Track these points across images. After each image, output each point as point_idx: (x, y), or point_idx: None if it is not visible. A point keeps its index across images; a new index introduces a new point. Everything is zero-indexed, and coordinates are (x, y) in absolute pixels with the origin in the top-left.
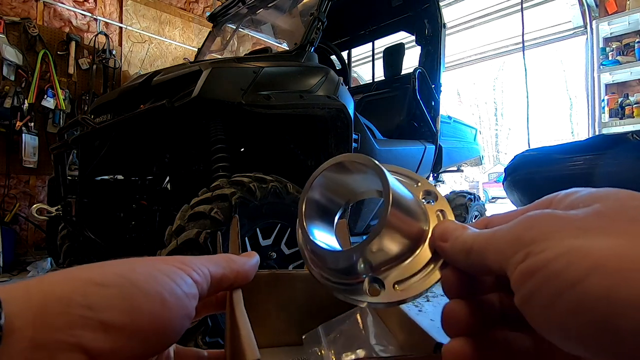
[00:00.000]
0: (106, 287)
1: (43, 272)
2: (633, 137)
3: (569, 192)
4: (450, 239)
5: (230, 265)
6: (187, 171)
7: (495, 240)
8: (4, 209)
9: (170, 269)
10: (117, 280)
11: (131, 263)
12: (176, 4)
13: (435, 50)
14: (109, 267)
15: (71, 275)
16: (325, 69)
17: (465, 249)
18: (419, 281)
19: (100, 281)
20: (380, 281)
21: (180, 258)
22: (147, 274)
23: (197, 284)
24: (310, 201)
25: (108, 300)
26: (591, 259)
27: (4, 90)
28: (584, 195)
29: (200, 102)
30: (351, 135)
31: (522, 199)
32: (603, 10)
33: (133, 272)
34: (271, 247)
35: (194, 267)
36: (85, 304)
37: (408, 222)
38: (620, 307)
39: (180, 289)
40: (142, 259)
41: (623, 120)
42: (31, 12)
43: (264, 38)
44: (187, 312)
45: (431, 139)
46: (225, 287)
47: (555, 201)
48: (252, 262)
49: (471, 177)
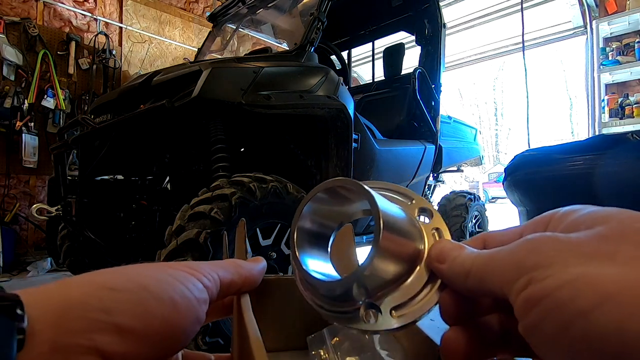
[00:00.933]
0: (120, 291)
1: (43, 272)
2: (633, 137)
3: (568, 211)
4: (447, 260)
5: (238, 271)
6: (187, 171)
7: (495, 263)
8: (4, 209)
9: (182, 274)
10: (129, 285)
11: (143, 268)
12: (176, 4)
13: (435, 50)
14: (122, 272)
15: (86, 280)
16: (325, 69)
17: (463, 271)
18: (417, 305)
19: (113, 285)
20: (377, 307)
21: (190, 264)
22: (159, 279)
23: (207, 289)
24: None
25: (122, 305)
26: (599, 288)
27: (4, 90)
28: (585, 215)
29: (200, 102)
30: (351, 135)
31: (522, 199)
32: (603, 10)
33: (145, 276)
34: (271, 247)
35: (204, 273)
36: (101, 308)
37: (402, 243)
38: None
39: (192, 294)
40: (154, 264)
41: (623, 120)
42: (31, 12)
43: (264, 38)
44: (197, 317)
45: (431, 139)
46: (233, 292)
47: (554, 220)
48: (259, 267)
49: (471, 177)
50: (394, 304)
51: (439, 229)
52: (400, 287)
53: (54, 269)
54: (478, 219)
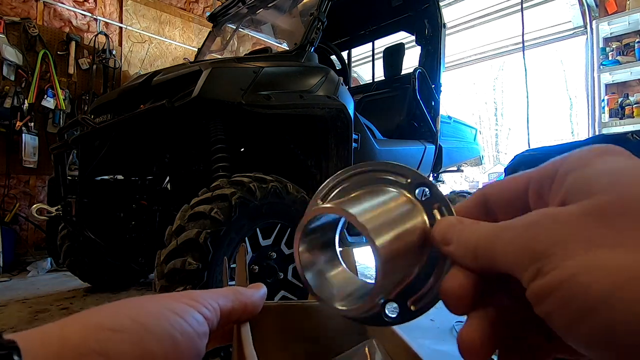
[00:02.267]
0: (119, 332)
1: (43, 272)
2: (633, 137)
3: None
4: (452, 240)
5: (239, 298)
6: (187, 171)
7: (502, 244)
8: (4, 209)
9: (181, 307)
10: (128, 324)
11: (142, 303)
12: (176, 4)
13: (435, 50)
14: (122, 310)
15: (85, 320)
16: (325, 69)
17: (470, 252)
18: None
19: (112, 326)
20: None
21: (190, 294)
22: (158, 315)
23: (208, 320)
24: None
25: (121, 346)
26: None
27: (4, 90)
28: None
29: (200, 102)
30: (351, 135)
31: None
32: (603, 10)
33: (144, 314)
34: (271, 247)
35: (204, 303)
36: (99, 351)
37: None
38: None
39: (192, 328)
40: (153, 298)
41: (623, 120)
42: (31, 12)
43: (264, 38)
44: (198, 352)
45: (431, 139)
46: (233, 320)
47: (558, 177)
48: (259, 293)
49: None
50: (412, 297)
51: (441, 205)
52: (415, 277)
53: (54, 269)
54: None
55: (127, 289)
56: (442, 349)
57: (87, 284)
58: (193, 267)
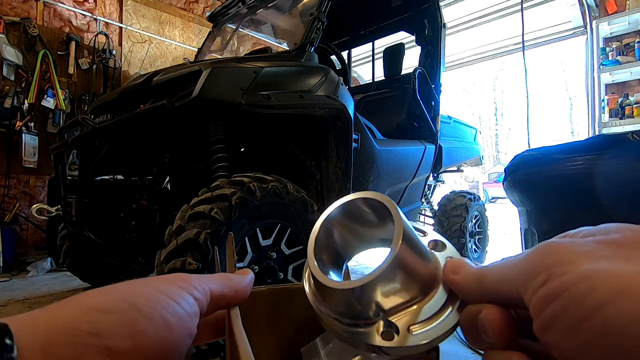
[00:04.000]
0: (110, 313)
1: (43, 272)
2: (633, 137)
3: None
4: (462, 271)
5: (228, 283)
6: (187, 171)
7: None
8: (4, 209)
9: (172, 288)
10: (120, 306)
11: (133, 286)
12: (176, 4)
13: (435, 50)
14: (112, 292)
15: (76, 303)
16: (325, 69)
17: (478, 278)
18: (437, 325)
19: (103, 307)
20: (394, 325)
21: (181, 276)
22: (149, 296)
23: (198, 301)
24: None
25: (113, 326)
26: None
27: (4, 90)
28: (598, 227)
29: (200, 102)
30: (351, 135)
31: (522, 199)
32: (603, 10)
33: (135, 295)
34: (271, 247)
35: (194, 285)
36: (91, 332)
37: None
38: None
39: (182, 309)
40: (144, 281)
41: (623, 120)
42: (31, 12)
43: (264, 38)
44: (189, 332)
45: (431, 139)
46: (223, 304)
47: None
48: (247, 279)
49: (471, 177)
50: (411, 322)
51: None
52: (417, 306)
53: (54, 269)
54: (478, 219)
55: None
56: (443, 349)
57: (87, 284)
58: (193, 267)
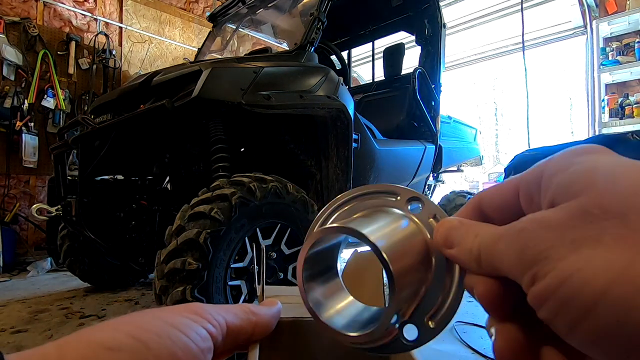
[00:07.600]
0: (118, 351)
1: (43, 272)
2: (633, 137)
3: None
4: (455, 243)
5: (249, 317)
6: (187, 171)
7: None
8: (4, 209)
9: (184, 321)
10: (128, 343)
11: (143, 319)
12: (176, 4)
13: (435, 50)
14: (121, 327)
15: (84, 339)
16: (325, 69)
17: (474, 258)
18: (448, 305)
19: (112, 345)
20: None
21: (194, 307)
22: (159, 331)
23: (212, 336)
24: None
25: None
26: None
27: (4, 90)
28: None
29: (200, 102)
30: (351, 135)
31: None
32: (603, 10)
33: (145, 331)
34: (271, 247)
35: (208, 318)
36: None
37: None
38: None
39: (194, 344)
40: (155, 312)
41: (623, 120)
42: (31, 12)
43: (264, 38)
44: None
45: (431, 139)
46: (242, 339)
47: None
48: (272, 311)
49: (471, 177)
50: (429, 313)
51: (435, 215)
52: (427, 293)
53: (54, 269)
54: None
55: (127, 289)
56: (443, 349)
57: (87, 284)
58: (193, 267)
